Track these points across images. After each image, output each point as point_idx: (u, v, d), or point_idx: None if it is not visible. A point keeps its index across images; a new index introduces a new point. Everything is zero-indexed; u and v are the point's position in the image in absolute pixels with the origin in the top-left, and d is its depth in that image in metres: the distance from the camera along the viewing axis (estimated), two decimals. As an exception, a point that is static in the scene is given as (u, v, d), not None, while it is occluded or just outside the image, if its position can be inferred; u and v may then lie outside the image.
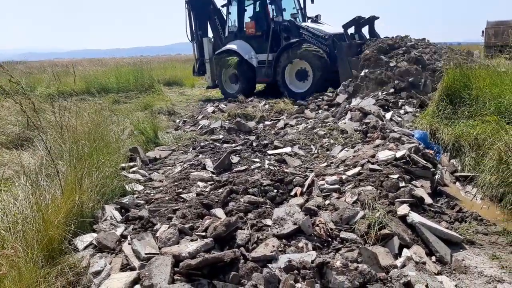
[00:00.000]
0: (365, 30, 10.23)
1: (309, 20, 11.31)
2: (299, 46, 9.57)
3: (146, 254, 2.53)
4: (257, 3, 10.81)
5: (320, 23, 11.14)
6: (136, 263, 2.48)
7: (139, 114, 7.14)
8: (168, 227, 2.84)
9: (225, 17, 11.60)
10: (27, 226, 2.53)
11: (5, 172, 4.00)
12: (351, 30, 9.94)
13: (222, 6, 11.63)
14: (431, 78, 6.98)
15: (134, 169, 4.64)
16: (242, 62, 10.59)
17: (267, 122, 7.16)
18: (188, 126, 7.47)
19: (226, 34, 11.42)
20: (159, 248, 2.63)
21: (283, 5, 10.80)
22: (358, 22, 9.82)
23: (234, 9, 11.21)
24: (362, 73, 7.59)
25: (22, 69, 19.37)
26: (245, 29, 11.00)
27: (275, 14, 10.46)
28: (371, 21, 10.17)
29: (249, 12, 11.16)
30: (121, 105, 9.86)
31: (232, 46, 10.83)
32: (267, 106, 8.38)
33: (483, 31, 18.21)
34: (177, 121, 8.18)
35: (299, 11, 11.32)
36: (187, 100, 11.78)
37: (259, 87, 11.86)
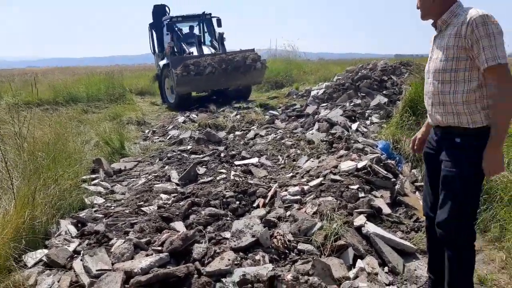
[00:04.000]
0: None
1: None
2: (168, 67, 11.15)
3: (97, 270, 2.45)
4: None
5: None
6: (86, 280, 2.39)
7: (106, 124, 6.99)
8: (124, 242, 2.78)
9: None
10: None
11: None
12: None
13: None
14: None
15: (96, 181, 4.53)
16: (161, 76, 12.34)
17: (237, 132, 7.16)
18: (157, 137, 7.37)
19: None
20: (113, 264, 2.56)
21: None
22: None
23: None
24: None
25: (-12, 77, 18.73)
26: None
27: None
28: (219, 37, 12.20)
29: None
30: (90, 115, 9.65)
31: (161, 62, 12.60)
32: (238, 116, 8.38)
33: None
34: (146, 131, 8.07)
35: (202, 34, 13.11)
36: (159, 110, 11.65)
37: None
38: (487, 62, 1.75)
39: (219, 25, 12.73)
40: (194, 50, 11.67)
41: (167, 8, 13.51)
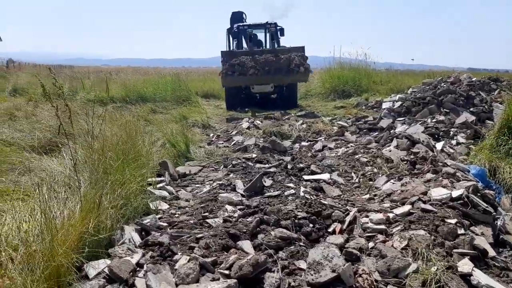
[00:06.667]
0: None
1: None
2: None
3: (160, 292, 2.22)
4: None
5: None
6: (148, 301, 2.18)
7: (172, 125, 6.96)
8: (189, 260, 2.54)
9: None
10: (36, 247, 2.28)
11: (30, 179, 3.86)
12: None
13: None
14: None
15: (161, 185, 4.40)
16: None
17: (303, 143, 6.79)
18: (221, 142, 7.22)
19: None
20: (176, 285, 2.33)
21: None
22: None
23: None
24: None
25: (68, 73, 20.12)
26: None
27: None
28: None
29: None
30: (157, 115, 9.81)
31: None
32: (304, 125, 8.01)
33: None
34: (211, 135, 7.97)
35: (270, 41, 14.00)
36: (223, 114, 11.62)
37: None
38: None
39: (282, 34, 13.79)
40: None
41: (244, 15, 14.57)
